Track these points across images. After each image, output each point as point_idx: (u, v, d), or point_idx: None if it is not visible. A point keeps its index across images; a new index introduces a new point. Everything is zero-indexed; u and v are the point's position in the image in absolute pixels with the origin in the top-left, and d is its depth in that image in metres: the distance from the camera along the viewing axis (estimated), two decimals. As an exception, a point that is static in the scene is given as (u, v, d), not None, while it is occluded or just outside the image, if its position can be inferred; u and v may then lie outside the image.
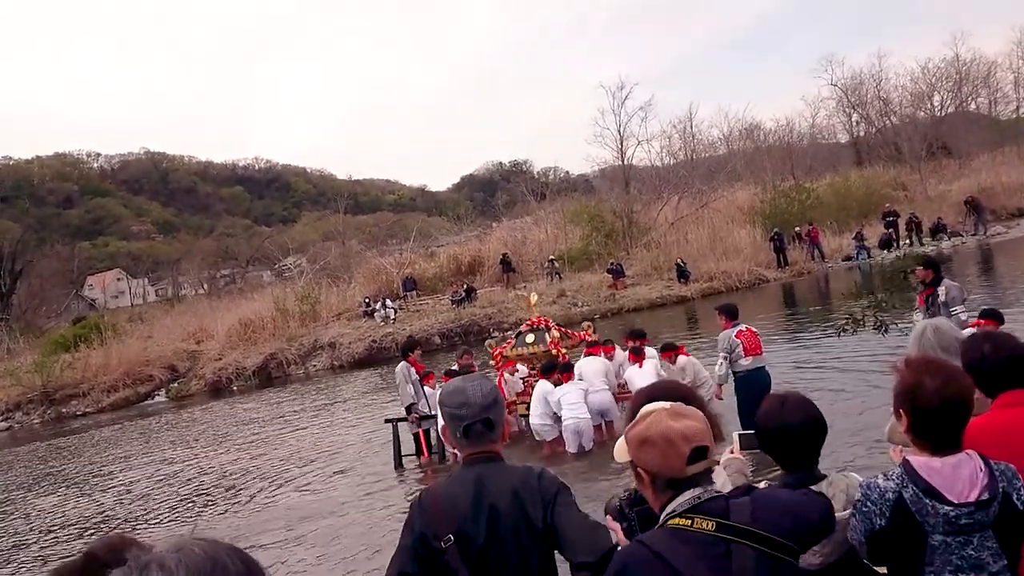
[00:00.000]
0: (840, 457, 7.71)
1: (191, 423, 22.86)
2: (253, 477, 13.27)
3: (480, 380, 2.83)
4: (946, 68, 61.55)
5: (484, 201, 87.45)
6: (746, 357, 9.33)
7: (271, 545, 9.12)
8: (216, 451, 16.75)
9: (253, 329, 33.95)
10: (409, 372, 11.43)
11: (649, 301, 31.18)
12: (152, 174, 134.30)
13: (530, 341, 11.83)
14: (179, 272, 78.96)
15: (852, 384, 11.58)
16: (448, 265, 40.64)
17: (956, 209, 37.40)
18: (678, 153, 55.13)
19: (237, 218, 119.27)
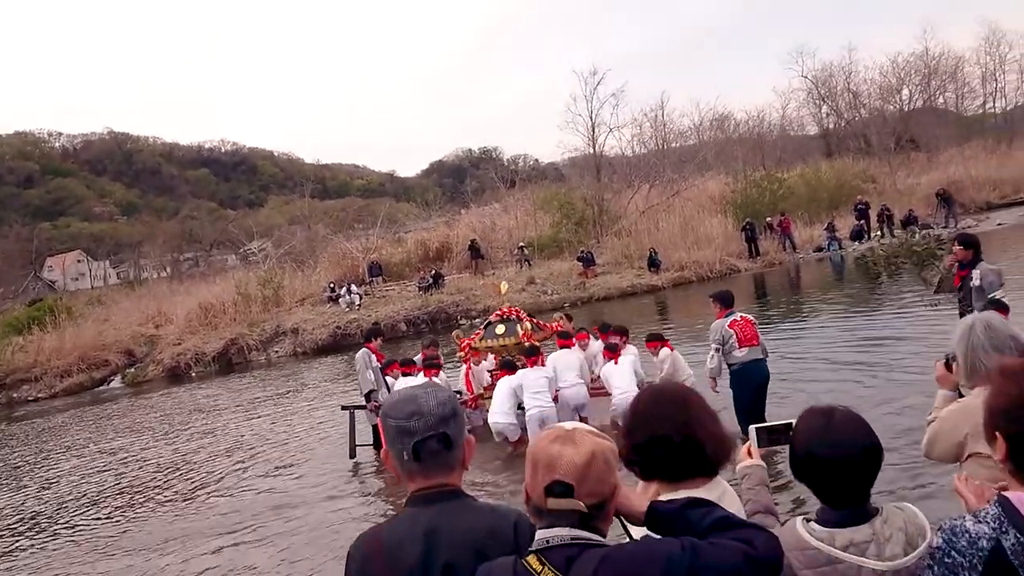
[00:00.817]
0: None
1: (144, 410, 22.04)
2: (196, 470, 12.60)
3: (434, 387, 2.24)
4: (915, 62, 62.01)
5: (453, 187, 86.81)
6: (740, 348, 8.77)
7: (210, 547, 8.47)
8: (163, 441, 16.02)
9: (214, 314, 33.09)
10: (370, 359, 10.92)
11: (620, 290, 30.74)
12: (116, 155, 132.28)
13: (500, 332, 11.13)
14: (141, 255, 77.51)
15: (832, 375, 11.20)
16: (415, 251, 39.93)
17: (926, 202, 37.35)
18: (649, 142, 54.90)
19: (203, 200, 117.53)
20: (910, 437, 7.28)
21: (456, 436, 2.12)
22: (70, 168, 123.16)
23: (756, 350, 8.85)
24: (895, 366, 11.00)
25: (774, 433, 2.46)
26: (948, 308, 14.55)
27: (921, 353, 11.45)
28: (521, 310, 11.75)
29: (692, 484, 2.25)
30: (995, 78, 63.89)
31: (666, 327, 21.21)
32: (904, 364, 10.96)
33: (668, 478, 2.28)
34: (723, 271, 31.60)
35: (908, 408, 8.54)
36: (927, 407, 8.18)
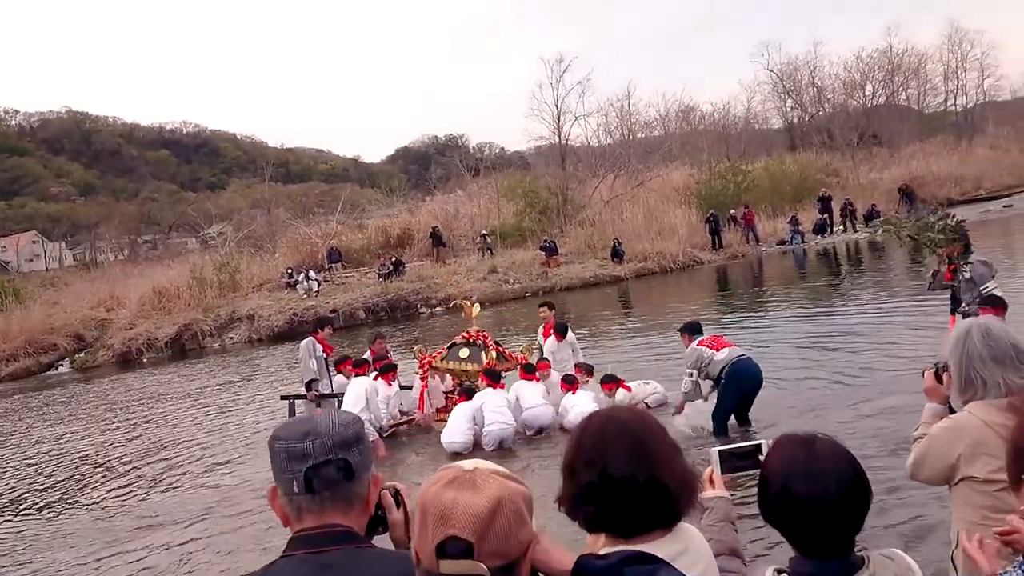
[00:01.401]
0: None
1: (87, 397, 21.31)
2: (130, 463, 11.99)
3: (337, 410, 1.81)
4: (879, 58, 62.57)
5: (418, 174, 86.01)
6: (719, 351, 8.45)
7: (135, 550, 7.94)
8: (98, 431, 15.38)
9: (168, 298, 32.28)
10: (314, 348, 10.46)
11: (582, 280, 30.46)
12: (74, 134, 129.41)
13: (463, 356, 10.61)
14: (97, 236, 75.93)
15: (797, 371, 10.96)
16: (376, 237, 39.31)
17: (888, 196, 37.53)
18: (615, 132, 54.74)
19: (163, 183, 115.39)
20: (887, 445, 7.03)
21: (359, 466, 1.71)
22: (26, 147, 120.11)
23: (736, 349, 8.56)
24: (864, 363, 10.80)
25: (741, 457, 2.09)
26: (919, 304, 14.49)
27: (888, 350, 11.26)
28: (489, 336, 11.11)
29: (648, 538, 1.75)
30: (956, 76, 64.70)
31: (629, 318, 21.06)
32: (873, 362, 10.77)
33: (621, 531, 1.77)
34: (686, 263, 31.44)
35: (887, 411, 8.26)
36: (902, 410, 7.95)
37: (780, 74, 64.04)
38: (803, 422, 8.33)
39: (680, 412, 8.72)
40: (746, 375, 8.34)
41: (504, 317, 25.41)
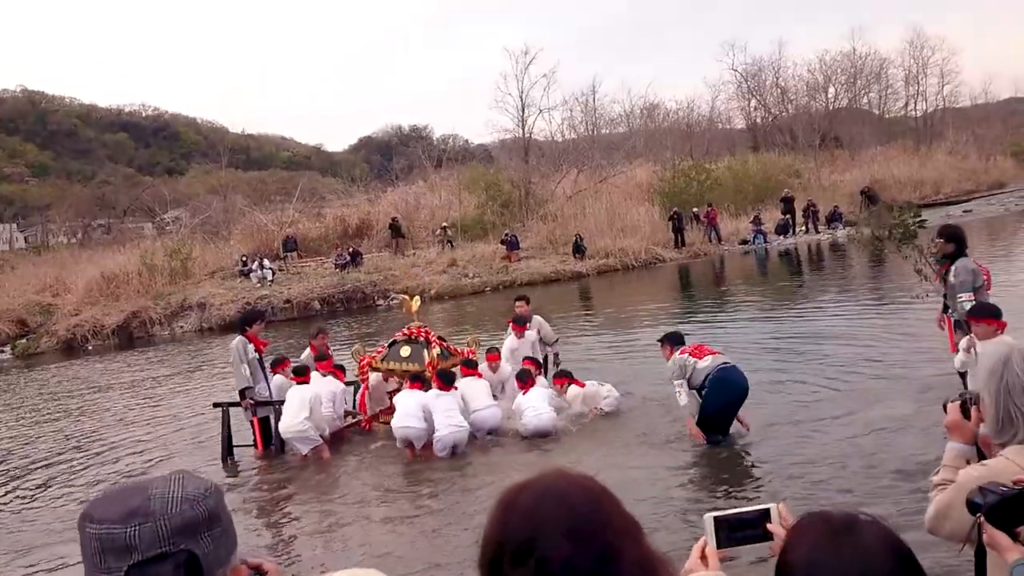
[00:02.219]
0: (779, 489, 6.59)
1: (19, 387, 20.45)
2: (40, 464, 11.16)
3: (184, 474, 1.32)
4: (842, 61, 62.96)
5: (381, 165, 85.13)
6: (702, 359, 7.98)
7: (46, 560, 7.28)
8: (18, 425, 14.58)
9: (117, 284, 31.25)
10: (246, 350, 9.54)
11: (543, 276, 30.04)
12: (29, 113, 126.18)
13: (405, 355, 9.90)
14: (48, 219, 74.10)
15: (766, 369, 10.61)
16: (334, 227, 38.55)
17: (849, 199, 37.63)
18: (579, 126, 54.39)
19: (120, 166, 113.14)
20: (891, 471, 6.62)
21: (211, 559, 1.21)
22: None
23: (720, 356, 8.10)
24: (839, 368, 10.43)
25: (742, 526, 1.64)
26: (883, 306, 14.23)
27: (862, 353, 10.93)
28: (431, 331, 10.44)
29: None
30: (917, 81, 65.14)
31: (589, 314, 20.68)
32: (848, 367, 10.41)
33: None
34: (648, 260, 31.21)
35: (879, 427, 7.81)
36: (892, 426, 7.61)
37: (744, 74, 64.23)
38: (791, 438, 7.95)
39: (691, 429, 8.09)
40: (731, 383, 7.89)
41: (464, 312, 24.97)
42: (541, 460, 8.21)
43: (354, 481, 8.43)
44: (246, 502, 8.26)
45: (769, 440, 7.98)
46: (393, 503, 7.63)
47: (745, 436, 8.08)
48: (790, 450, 7.59)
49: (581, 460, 7.82)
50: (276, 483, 8.76)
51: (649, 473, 7.37)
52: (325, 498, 7.93)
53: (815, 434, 7.92)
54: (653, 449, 8.17)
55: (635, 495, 6.43)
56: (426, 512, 7.19)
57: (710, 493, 6.86)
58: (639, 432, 8.79)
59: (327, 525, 7.16)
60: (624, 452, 8.14)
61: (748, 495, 6.46)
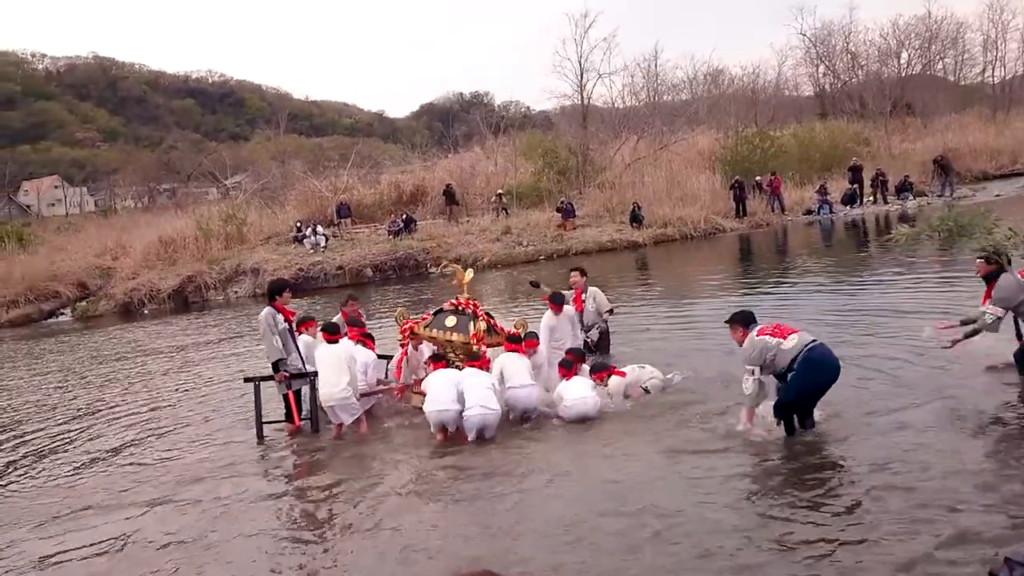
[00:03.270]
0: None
1: (75, 348, 20.59)
2: (77, 430, 10.87)
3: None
4: (917, 25, 60.41)
5: (442, 132, 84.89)
6: (786, 339, 6.97)
7: (44, 540, 6.93)
8: (61, 389, 14.47)
9: (174, 248, 31.62)
10: (275, 320, 9.09)
11: (599, 244, 29.43)
12: (100, 80, 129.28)
13: (450, 324, 9.38)
14: (115, 183, 75.64)
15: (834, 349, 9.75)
16: (389, 193, 38.27)
17: (921, 168, 36.10)
18: (640, 93, 53.16)
19: (187, 131, 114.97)
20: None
21: None
22: (53, 91, 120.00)
23: (806, 335, 7.08)
24: (912, 351, 9.38)
25: None
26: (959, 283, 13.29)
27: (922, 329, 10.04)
28: (480, 305, 9.91)
29: None
30: (996, 46, 62.20)
31: (645, 285, 20.07)
32: (922, 352, 9.26)
33: None
34: (708, 230, 30.35)
35: (977, 421, 7.00)
36: (977, 413, 6.82)
37: (813, 39, 62.05)
38: (865, 431, 7.06)
39: (747, 424, 7.30)
40: (825, 364, 6.91)
41: (515, 279, 24.52)
42: (581, 447, 7.74)
43: (392, 464, 7.92)
44: (280, 484, 7.81)
45: (841, 433, 7.08)
46: (433, 487, 7.10)
47: (828, 434, 7.14)
48: (867, 448, 6.67)
49: (624, 453, 7.33)
50: (313, 466, 8.23)
51: (697, 475, 6.53)
52: (363, 481, 7.38)
53: (893, 428, 6.99)
54: (705, 441, 7.32)
55: (677, 502, 5.90)
56: (465, 500, 6.67)
57: (775, 502, 5.84)
58: (688, 419, 8.02)
59: (366, 511, 6.66)
60: (669, 443, 7.36)
61: (824, 513, 5.52)
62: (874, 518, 5.30)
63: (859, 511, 5.48)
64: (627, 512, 5.90)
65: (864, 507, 5.52)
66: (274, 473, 8.12)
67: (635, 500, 6.09)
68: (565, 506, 6.19)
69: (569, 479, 6.80)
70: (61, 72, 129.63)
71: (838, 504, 5.63)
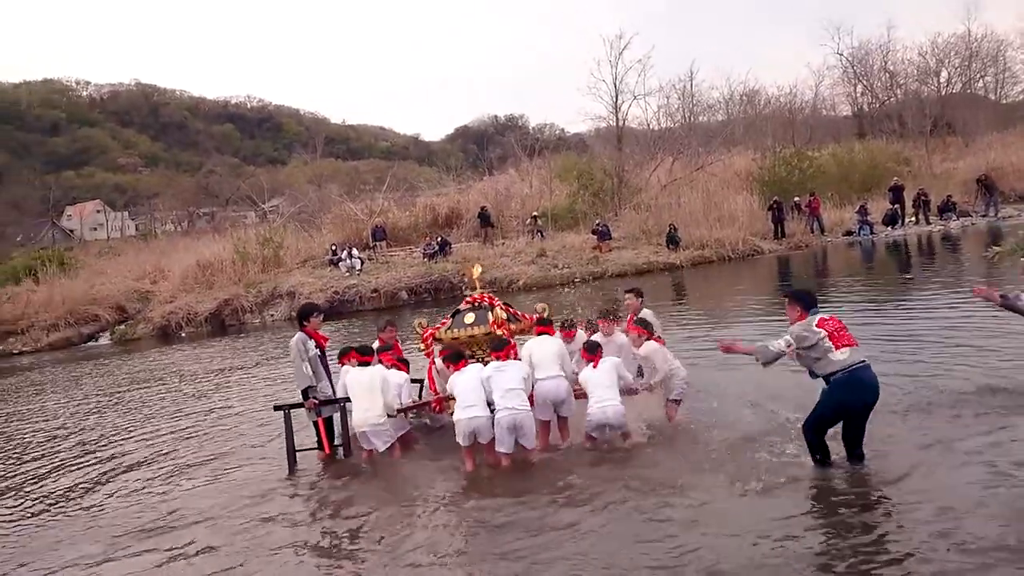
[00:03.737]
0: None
1: (108, 373, 20.57)
2: (100, 456, 10.82)
3: None
4: (956, 43, 59.58)
5: (476, 154, 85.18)
6: (838, 350, 6.47)
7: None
8: (89, 414, 14.44)
9: (211, 272, 31.85)
10: (306, 346, 8.84)
11: (635, 267, 29.16)
12: (142, 106, 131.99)
13: (469, 321, 9.26)
14: (155, 207, 76.74)
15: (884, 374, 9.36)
16: (424, 216, 38.34)
17: (964, 188, 35.45)
18: (675, 114, 52.87)
19: (226, 156, 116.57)
20: None
21: None
22: (96, 118, 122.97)
23: (859, 352, 6.55)
24: (954, 373, 9.14)
25: None
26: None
27: (981, 359, 9.68)
28: (495, 298, 9.78)
29: None
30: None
31: (682, 309, 19.74)
32: (963, 372, 9.10)
33: None
34: (746, 251, 30.00)
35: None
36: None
37: (851, 58, 61.41)
38: (919, 465, 6.56)
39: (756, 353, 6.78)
40: (865, 385, 6.48)
41: (551, 302, 24.28)
42: (613, 473, 7.46)
43: (428, 488, 7.71)
44: (312, 514, 7.59)
45: (892, 465, 6.64)
46: (472, 519, 6.80)
47: (858, 465, 6.66)
48: (919, 482, 6.22)
49: (657, 487, 7.04)
50: (344, 492, 8.04)
51: (735, 521, 5.94)
52: (399, 511, 7.15)
53: (958, 464, 6.53)
54: (740, 478, 6.75)
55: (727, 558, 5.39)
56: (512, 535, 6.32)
57: (813, 550, 5.36)
58: (722, 452, 7.52)
59: (399, 544, 6.46)
60: (705, 480, 6.86)
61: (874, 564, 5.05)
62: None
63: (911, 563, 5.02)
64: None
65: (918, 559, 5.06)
66: (304, 502, 7.94)
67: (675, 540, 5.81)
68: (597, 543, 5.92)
69: (609, 513, 6.47)
70: (105, 99, 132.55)
71: (886, 556, 5.17)
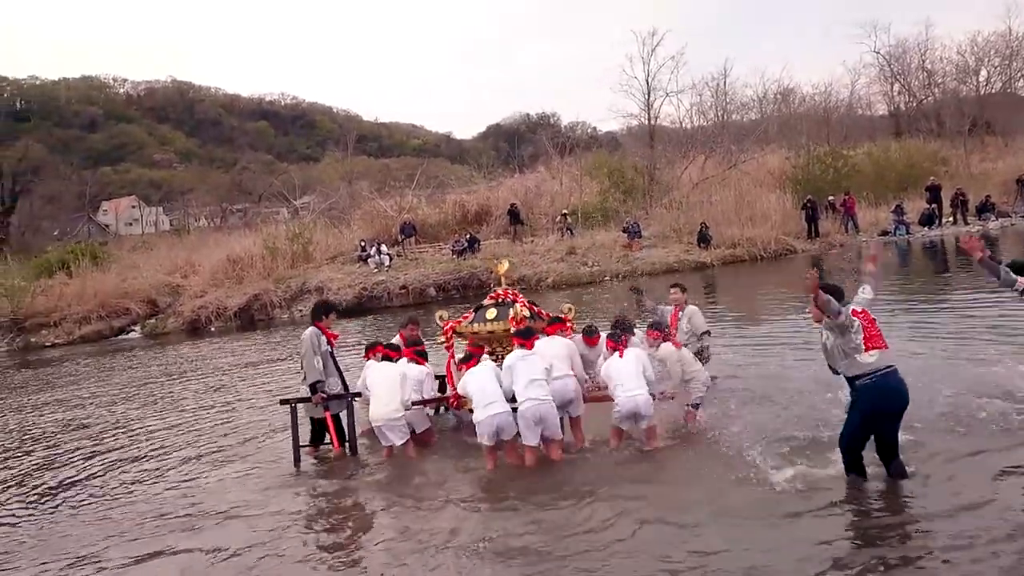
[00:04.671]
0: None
1: (136, 367, 20.59)
2: (103, 451, 10.73)
3: None
4: (997, 42, 58.40)
5: (508, 152, 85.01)
6: (868, 352, 6.04)
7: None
8: (108, 406, 14.45)
9: (241, 267, 31.93)
10: (319, 341, 8.84)
11: (665, 265, 28.84)
12: (178, 103, 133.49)
13: (491, 317, 9.17)
14: (188, 203, 77.45)
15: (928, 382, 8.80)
16: (453, 212, 38.24)
17: (1001, 188, 34.73)
18: (708, 112, 52.37)
19: (260, 152, 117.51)
20: None
21: None
22: (133, 115, 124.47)
23: (888, 355, 6.13)
24: (996, 382, 8.66)
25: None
26: None
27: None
28: (520, 294, 9.71)
29: None
30: (1081, 62, 59.78)
31: (711, 308, 19.41)
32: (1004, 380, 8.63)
33: None
34: (778, 251, 29.64)
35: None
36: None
37: (887, 57, 60.45)
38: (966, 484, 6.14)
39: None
40: (894, 390, 6.09)
41: (580, 300, 24.09)
42: (642, 474, 7.29)
43: (441, 487, 7.57)
44: (318, 512, 7.49)
45: (937, 486, 6.16)
46: (491, 523, 6.59)
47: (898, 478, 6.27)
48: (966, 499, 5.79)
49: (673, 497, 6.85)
50: (353, 489, 7.99)
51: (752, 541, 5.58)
52: (409, 512, 7.04)
53: (997, 473, 6.16)
54: (761, 492, 6.41)
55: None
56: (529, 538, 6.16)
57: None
58: (745, 461, 7.13)
59: (407, 546, 6.33)
60: (729, 494, 6.49)
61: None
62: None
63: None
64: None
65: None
66: (308, 499, 7.87)
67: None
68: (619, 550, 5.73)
69: (632, 522, 6.25)
70: (141, 96, 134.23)
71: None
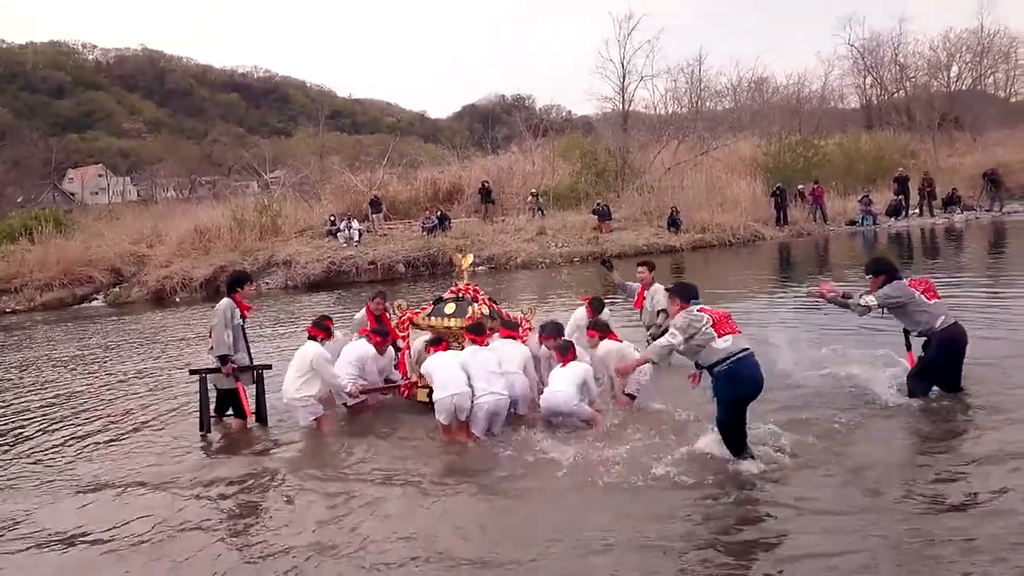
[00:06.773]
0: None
1: (91, 334, 20.25)
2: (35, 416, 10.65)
3: None
4: (968, 38, 59.03)
5: (483, 133, 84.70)
6: (721, 337, 6.25)
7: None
8: (51, 375, 14.17)
9: (209, 238, 31.54)
10: (233, 314, 8.65)
11: (635, 248, 28.91)
12: (148, 72, 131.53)
13: (449, 312, 9.11)
14: (157, 173, 76.48)
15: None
16: (425, 189, 38.09)
17: (968, 183, 35.15)
18: (683, 98, 52.49)
19: (231, 125, 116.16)
20: None
21: None
22: (102, 82, 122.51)
23: (742, 339, 6.35)
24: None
25: None
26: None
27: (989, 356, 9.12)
28: (480, 291, 9.61)
29: None
30: (1051, 62, 60.58)
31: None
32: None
33: None
34: (747, 237, 29.91)
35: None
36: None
37: (861, 50, 60.89)
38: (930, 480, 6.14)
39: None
40: (750, 373, 6.27)
41: (550, 280, 24.12)
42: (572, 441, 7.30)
43: (356, 463, 7.53)
44: (227, 480, 7.34)
45: (890, 475, 6.05)
46: (401, 491, 6.66)
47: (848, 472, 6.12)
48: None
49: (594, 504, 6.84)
50: (260, 460, 7.92)
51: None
52: (314, 480, 7.07)
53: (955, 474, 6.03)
54: (705, 486, 6.16)
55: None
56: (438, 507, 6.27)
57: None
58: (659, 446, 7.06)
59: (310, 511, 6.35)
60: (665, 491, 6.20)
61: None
62: None
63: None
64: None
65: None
66: (212, 470, 7.71)
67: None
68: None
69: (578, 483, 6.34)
70: (111, 63, 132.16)
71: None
